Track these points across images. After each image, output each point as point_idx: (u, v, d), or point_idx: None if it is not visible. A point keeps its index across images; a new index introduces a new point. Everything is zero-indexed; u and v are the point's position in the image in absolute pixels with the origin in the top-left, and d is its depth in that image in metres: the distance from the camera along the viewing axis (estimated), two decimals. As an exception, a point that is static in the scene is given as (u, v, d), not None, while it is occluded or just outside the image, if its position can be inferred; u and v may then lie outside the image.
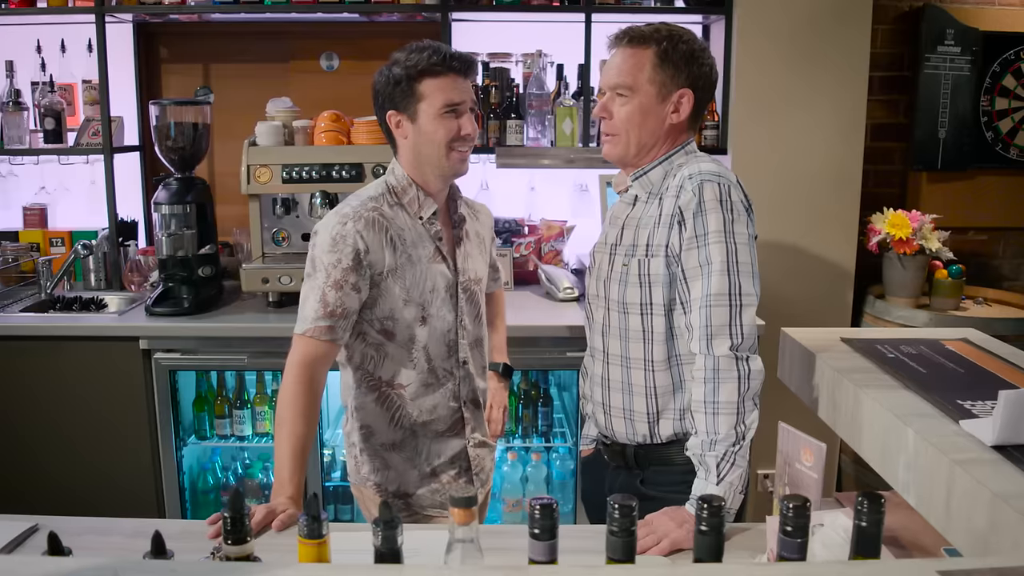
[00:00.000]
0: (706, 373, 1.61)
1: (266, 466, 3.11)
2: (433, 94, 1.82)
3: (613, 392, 1.81)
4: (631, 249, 1.74)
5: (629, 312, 1.74)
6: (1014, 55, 3.52)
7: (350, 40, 3.46)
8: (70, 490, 2.88)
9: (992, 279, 3.70)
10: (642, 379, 1.75)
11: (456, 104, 1.83)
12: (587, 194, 3.46)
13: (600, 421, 1.87)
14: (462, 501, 0.93)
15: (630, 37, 1.72)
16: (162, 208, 2.93)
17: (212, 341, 2.84)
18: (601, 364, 1.83)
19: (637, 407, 1.77)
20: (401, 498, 1.96)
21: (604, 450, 1.90)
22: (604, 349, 1.82)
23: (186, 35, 3.43)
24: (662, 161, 1.76)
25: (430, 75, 1.81)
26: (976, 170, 3.62)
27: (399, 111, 1.86)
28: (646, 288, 1.70)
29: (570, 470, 3.19)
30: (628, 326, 1.75)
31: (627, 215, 1.79)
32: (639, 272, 1.71)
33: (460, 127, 1.84)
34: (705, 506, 0.97)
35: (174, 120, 2.94)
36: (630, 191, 1.80)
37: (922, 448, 1.34)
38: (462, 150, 1.87)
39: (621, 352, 1.77)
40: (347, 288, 1.79)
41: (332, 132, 3.01)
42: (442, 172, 1.89)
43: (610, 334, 1.79)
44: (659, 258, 1.68)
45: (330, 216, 1.87)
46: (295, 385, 1.78)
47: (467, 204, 2.08)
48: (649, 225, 1.72)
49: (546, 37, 3.31)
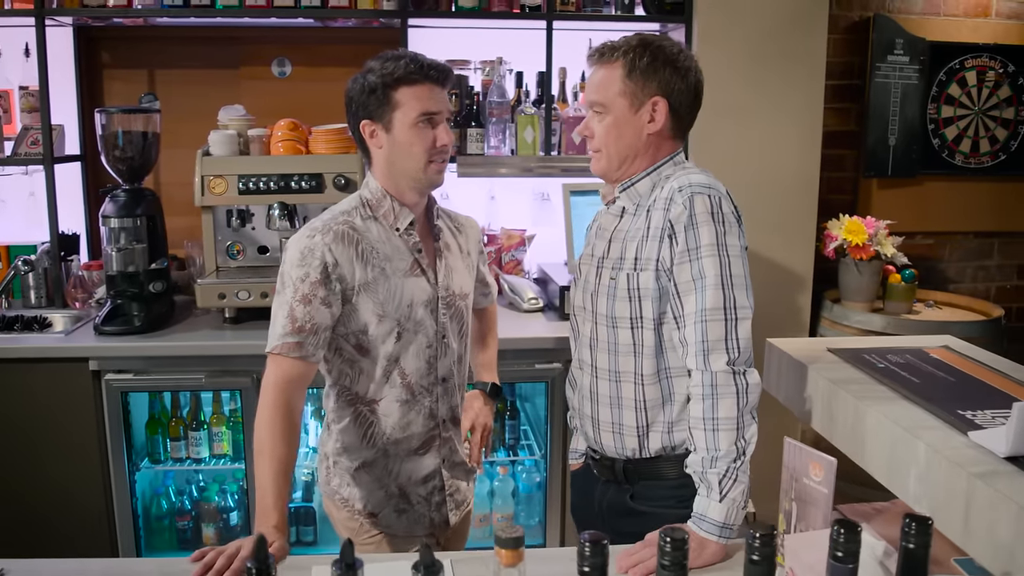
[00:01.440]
0: (704, 389, 1.57)
1: (223, 489, 2.99)
2: (409, 103, 1.76)
3: (602, 406, 1.77)
4: (619, 262, 1.71)
5: (618, 326, 1.71)
6: (959, 64, 3.62)
7: (303, 46, 3.36)
8: (17, 519, 2.72)
9: (938, 282, 3.79)
10: (631, 392, 1.72)
11: (432, 113, 1.78)
12: (548, 203, 3.43)
13: (589, 434, 1.84)
14: (510, 542, 0.88)
15: (600, 53, 1.71)
16: (110, 221, 2.79)
17: (166, 360, 2.71)
18: (589, 377, 1.79)
19: (626, 421, 1.74)
20: (368, 517, 1.90)
21: (593, 464, 1.86)
22: (592, 362, 1.78)
23: (130, 39, 3.28)
24: (649, 172, 1.73)
25: (406, 83, 1.76)
26: (923, 176, 3.71)
27: (374, 120, 1.79)
28: (635, 302, 1.68)
29: (536, 483, 3.15)
30: (617, 340, 1.72)
31: (614, 227, 1.76)
32: (628, 286, 1.68)
33: (436, 137, 1.79)
34: (757, 535, 0.94)
35: (122, 129, 2.81)
36: (617, 203, 1.77)
37: (935, 461, 1.34)
38: (439, 161, 1.82)
39: (610, 366, 1.74)
40: (316, 303, 1.72)
41: (290, 141, 2.91)
42: (418, 184, 1.83)
43: (598, 347, 1.76)
44: (648, 272, 1.65)
45: (301, 230, 1.81)
46: (271, 408, 1.70)
47: (451, 218, 2.02)
48: (637, 238, 1.69)
49: (506, 45, 3.27)
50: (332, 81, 3.36)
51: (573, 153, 3.24)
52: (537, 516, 3.15)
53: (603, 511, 1.83)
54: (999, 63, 3.64)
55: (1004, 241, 3.86)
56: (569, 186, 3.16)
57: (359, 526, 1.89)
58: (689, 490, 1.62)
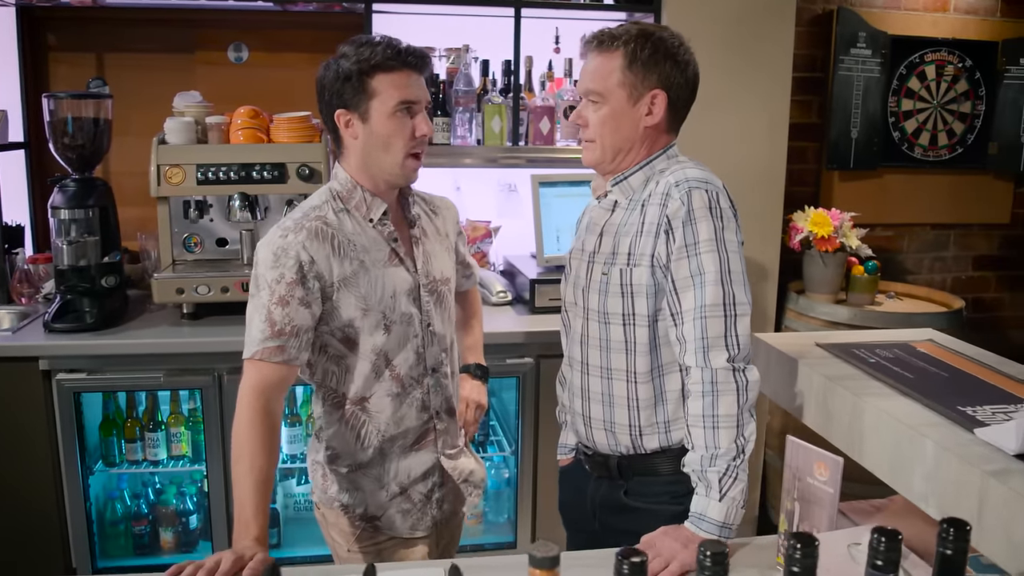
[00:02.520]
0: (704, 386, 1.54)
1: (181, 491, 2.87)
2: (387, 91, 1.68)
3: (593, 403, 1.73)
4: (611, 257, 1.66)
5: (610, 322, 1.67)
6: (918, 58, 3.66)
7: (260, 30, 3.24)
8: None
9: (896, 273, 3.84)
10: (624, 391, 1.68)
11: (411, 102, 1.71)
12: (515, 194, 3.37)
13: (580, 432, 1.80)
14: (545, 562, 0.82)
15: (599, 40, 1.65)
16: (60, 213, 2.64)
17: (122, 359, 2.59)
18: (580, 375, 1.75)
19: (618, 419, 1.70)
20: (370, 521, 1.83)
21: (585, 460, 1.82)
22: (583, 359, 1.74)
23: (77, 20, 3.11)
24: (643, 166, 1.68)
25: (383, 70, 1.68)
26: (883, 169, 3.74)
27: (349, 109, 1.71)
28: (628, 298, 1.64)
29: (505, 479, 3.10)
30: (609, 336, 1.68)
31: (606, 221, 1.71)
32: (621, 281, 1.64)
33: (415, 127, 1.72)
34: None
35: (71, 115, 2.66)
36: (609, 196, 1.72)
37: (944, 459, 1.32)
38: (417, 152, 1.75)
39: (601, 363, 1.70)
40: (294, 304, 1.64)
41: (250, 129, 2.79)
42: (393, 179, 1.77)
43: (589, 344, 1.72)
44: (643, 267, 1.61)
45: (271, 231, 1.72)
46: (250, 414, 1.61)
47: (426, 201, 1.95)
48: (631, 233, 1.64)
49: (471, 32, 3.19)
50: (291, 67, 3.26)
51: (540, 144, 3.18)
52: (506, 513, 3.10)
53: (595, 507, 1.80)
54: (957, 57, 3.69)
55: (960, 233, 3.93)
56: (538, 177, 3.10)
57: (360, 532, 1.83)
58: (684, 486, 1.59)
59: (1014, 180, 3.89)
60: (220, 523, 2.70)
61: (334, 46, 3.25)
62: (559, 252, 3.05)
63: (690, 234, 1.56)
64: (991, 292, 4.02)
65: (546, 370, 2.81)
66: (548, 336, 2.67)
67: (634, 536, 1.55)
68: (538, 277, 2.97)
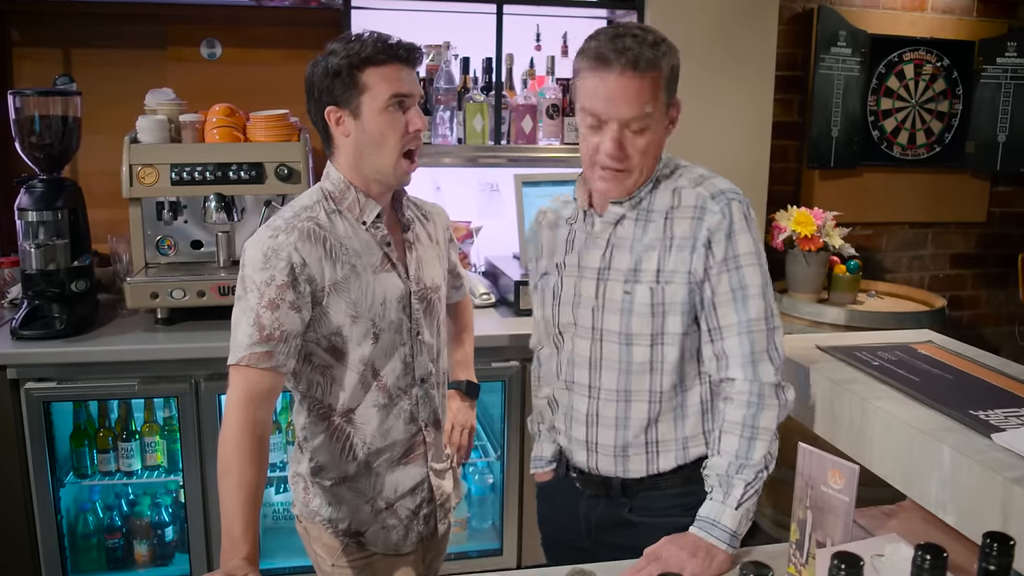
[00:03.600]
0: (749, 397, 1.51)
1: (156, 502, 2.77)
2: (378, 85, 1.61)
3: (603, 429, 1.64)
4: (633, 274, 1.57)
5: (634, 344, 1.57)
6: (897, 57, 3.67)
7: (234, 26, 3.14)
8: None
9: (876, 272, 3.85)
10: (644, 412, 1.60)
11: (404, 96, 1.63)
12: (497, 194, 3.31)
13: (579, 458, 1.70)
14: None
15: (644, 64, 1.46)
16: (27, 215, 2.53)
17: (94, 367, 2.49)
18: (587, 400, 1.65)
19: (634, 442, 1.62)
20: (353, 537, 1.76)
21: (579, 478, 1.73)
22: (592, 383, 1.63)
23: (43, 15, 3.00)
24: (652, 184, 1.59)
25: (374, 64, 1.60)
26: (863, 167, 3.75)
27: (340, 106, 1.64)
28: (659, 317, 1.55)
29: (489, 485, 3.05)
30: (631, 358, 1.58)
31: (612, 235, 1.60)
32: (652, 301, 1.55)
33: (408, 122, 1.65)
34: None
35: (39, 113, 2.55)
36: (612, 209, 1.61)
37: (964, 465, 1.29)
38: (411, 151, 1.67)
39: (618, 386, 1.60)
40: (284, 307, 1.57)
41: (226, 128, 2.70)
42: (386, 180, 1.69)
43: (603, 367, 1.61)
44: (677, 284, 1.53)
45: (260, 230, 1.64)
46: (238, 425, 1.53)
47: (417, 206, 1.88)
48: (655, 247, 1.55)
49: (451, 29, 3.13)
50: (266, 64, 3.17)
51: (523, 143, 3.13)
52: (491, 519, 3.05)
53: (590, 525, 1.72)
54: (935, 56, 3.71)
55: (937, 231, 3.95)
56: (521, 177, 3.05)
57: (343, 547, 1.75)
58: (695, 497, 1.55)
59: (991, 179, 3.93)
60: (197, 534, 2.62)
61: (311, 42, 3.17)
62: (543, 253, 2.99)
63: (731, 248, 1.51)
64: (968, 290, 4.05)
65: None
66: (534, 339, 2.62)
67: (636, 551, 1.50)
68: (523, 279, 2.91)
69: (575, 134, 3.13)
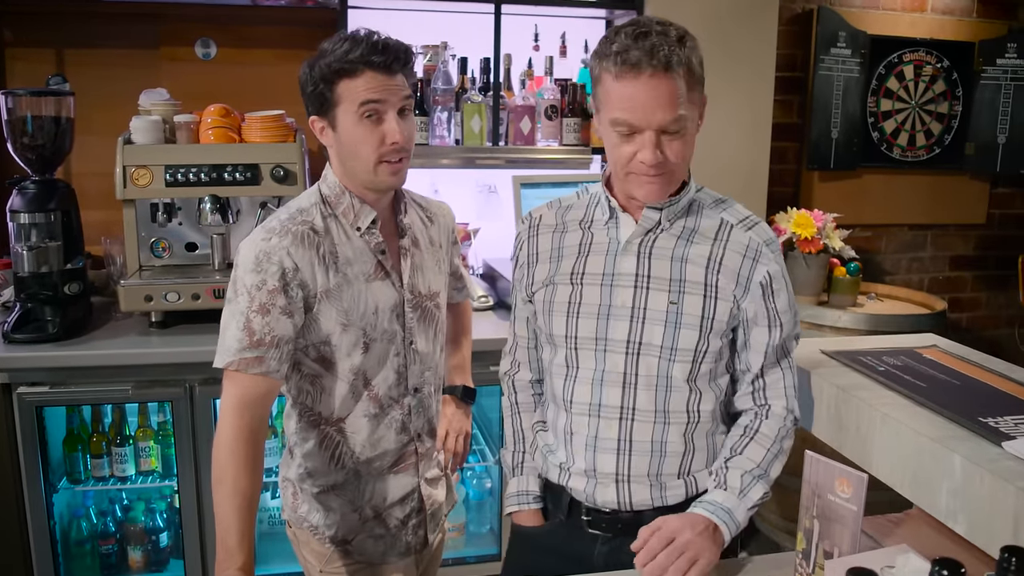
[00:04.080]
0: (784, 423, 1.55)
1: (150, 508, 2.74)
2: (349, 97, 1.55)
3: (637, 456, 1.51)
4: (679, 284, 1.48)
5: (676, 360, 1.48)
6: (897, 58, 3.65)
7: (229, 26, 3.11)
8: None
9: (874, 273, 3.83)
10: (681, 434, 1.52)
11: (374, 102, 1.54)
12: (495, 195, 3.28)
13: (603, 496, 1.54)
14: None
15: (675, 61, 1.38)
16: (20, 217, 2.50)
17: (87, 371, 2.45)
18: (616, 424, 1.52)
19: (668, 469, 1.53)
20: (340, 545, 1.73)
21: (591, 522, 1.57)
22: (624, 405, 1.51)
23: (35, 15, 2.96)
24: (687, 191, 1.54)
25: (346, 75, 1.54)
26: (862, 169, 3.73)
27: (320, 116, 1.60)
28: (705, 332, 1.48)
29: (487, 489, 3.02)
30: (672, 374, 1.49)
31: (646, 243, 1.52)
32: (702, 313, 1.48)
33: (385, 135, 1.56)
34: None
35: (31, 113, 2.52)
36: (648, 214, 1.51)
37: (975, 474, 1.26)
38: (392, 161, 1.59)
39: (656, 406, 1.50)
40: (275, 312, 1.53)
41: (221, 128, 2.67)
42: (371, 186, 1.64)
43: (637, 384, 1.50)
44: (726, 302, 1.49)
45: (255, 232, 1.61)
46: (232, 432, 1.51)
47: (422, 207, 1.84)
48: (700, 263, 1.49)
49: (448, 29, 3.10)
50: (261, 64, 3.14)
51: (521, 144, 3.10)
52: (488, 523, 3.02)
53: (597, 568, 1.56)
54: (935, 57, 3.69)
55: (936, 233, 3.93)
56: (520, 178, 3.03)
57: (330, 553, 1.72)
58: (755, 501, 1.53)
59: (990, 180, 3.91)
60: (192, 540, 2.58)
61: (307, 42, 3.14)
62: (542, 255, 2.97)
63: (790, 296, 1.59)
64: (967, 292, 4.04)
65: (531, 377, 2.73)
66: (533, 342, 2.59)
67: None
68: (522, 281, 2.88)
69: (574, 135, 3.10)
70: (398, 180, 1.64)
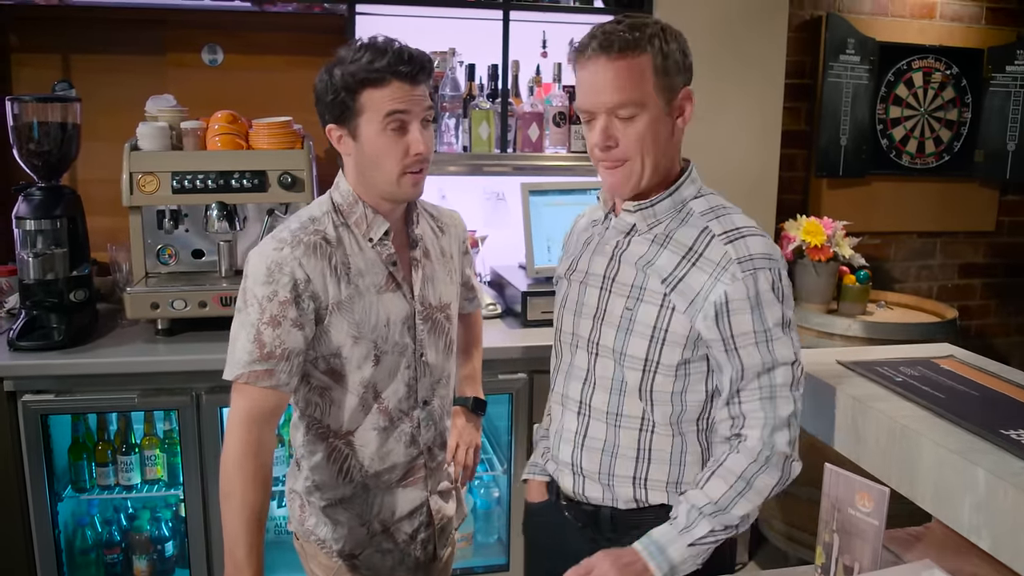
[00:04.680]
0: (757, 458, 1.41)
1: (155, 517, 2.71)
2: (374, 107, 1.53)
3: (588, 452, 1.54)
4: (638, 291, 1.47)
5: (627, 366, 1.47)
6: (906, 65, 3.63)
7: (236, 32, 3.10)
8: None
9: (884, 282, 3.81)
10: (634, 440, 1.50)
11: (400, 112, 1.53)
12: (503, 203, 3.26)
13: (564, 482, 1.60)
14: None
15: (619, 44, 1.37)
16: (25, 223, 2.48)
17: (93, 379, 2.43)
18: (576, 417, 1.56)
19: (620, 471, 1.52)
20: (348, 559, 1.71)
21: (567, 507, 1.62)
22: (583, 400, 1.55)
23: (42, 20, 2.95)
24: (671, 194, 1.50)
25: (371, 85, 1.52)
26: (871, 176, 3.71)
27: (339, 125, 1.58)
28: (656, 344, 1.45)
29: (495, 499, 3.00)
30: (624, 379, 1.49)
31: (622, 247, 1.52)
32: (655, 324, 1.44)
33: (409, 146, 1.55)
34: None
35: (37, 119, 2.51)
36: (624, 217, 1.52)
37: (1000, 489, 1.24)
38: (415, 172, 1.58)
39: (609, 407, 1.51)
40: (286, 325, 1.51)
41: (228, 135, 2.66)
42: (392, 197, 1.62)
43: (595, 384, 1.53)
44: (682, 316, 1.43)
45: (265, 241, 1.59)
46: (240, 446, 1.49)
47: (434, 217, 1.82)
48: (662, 272, 1.45)
49: (455, 36, 3.09)
50: (268, 70, 3.13)
51: (529, 151, 3.09)
52: (496, 533, 3.00)
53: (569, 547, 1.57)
54: (944, 64, 3.67)
55: (946, 241, 3.91)
56: (528, 185, 3.00)
57: (338, 567, 1.70)
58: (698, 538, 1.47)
59: (1000, 188, 3.89)
60: (198, 549, 2.56)
61: (314, 49, 3.14)
62: (550, 263, 2.95)
63: (758, 320, 1.40)
64: (977, 300, 4.01)
65: (540, 386, 2.71)
66: (541, 351, 2.55)
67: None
68: (530, 289, 2.87)
69: (582, 142, 3.09)
70: (418, 191, 1.63)
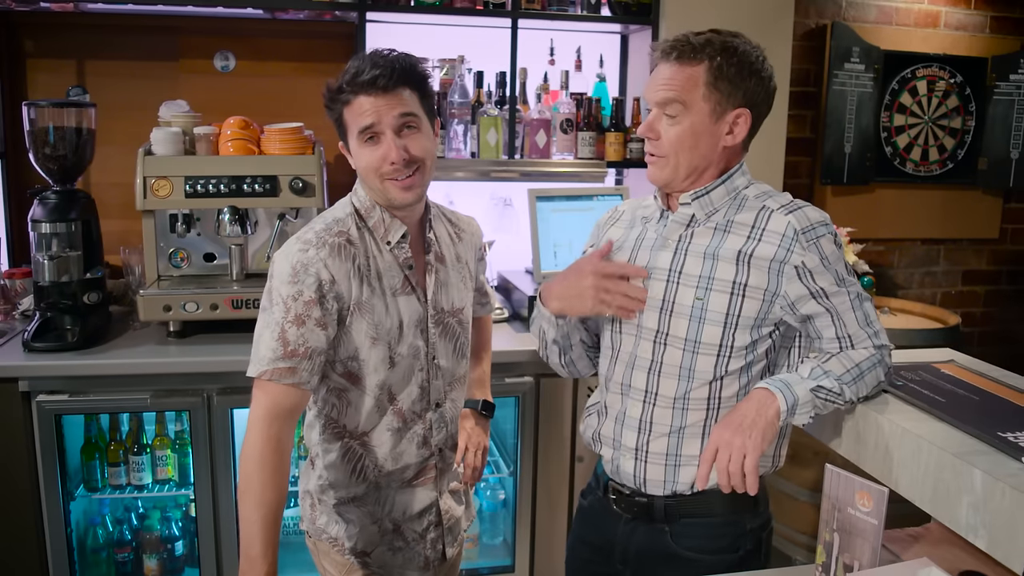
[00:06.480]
0: (873, 356, 1.55)
1: (166, 516, 2.75)
2: (351, 123, 1.62)
3: (655, 437, 1.60)
4: (707, 281, 1.54)
5: (700, 352, 1.55)
6: (910, 73, 3.66)
7: (248, 38, 3.14)
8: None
9: (888, 288, 3.83)
10: (701, 418, 1.58)
11: (369, 127, 1.58)
12: (511, 208, 3.30)
13: (624, 467, 1.65)
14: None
15: (679, 51, 1.51)
16: (41, 226, 2.52)
17: (106, 380, 2.47)
18: (639, 405, 1.61)
19: (687, 451, 1.59)
20: (359, 556, 1.74)
21: (618, 500, 1.68)
22: (648, 388, 1.60)
23: (57, 26, 3.00)
24: (724, 181, 1.58)
25: (345, 104, 1.61)
26: (875, 184, 3.74)
27: (342, 141, 1.69)
28: (730, 329, 1.53)
29: (501, 501, 3.03)
30: (695, 366, 1.56)
31: (684, 240, 1.59)
32: (727, 311, 1.53)
33: (383, 156, 1.59)
34: None
35: (53, 124, 2.55)
36: (682, 210, 1.60)
37: (996, 489, 1.27)
38: (397, 179, 1.61)
39: (678, 392, 1.58)
40: (310, 324, 1.55)
41: (240, 140, 2.69)
42: (389, 204, 1.67)
43: (662, 372, 1.59)
44: (756, 300, 1.52)
45: (290, 242, 1.63)
46: (261, 443, 1.52)
47: (451, 222, 1.86)
48: (730, 259, 1.53)
49: (464, 43, 3.13)
50: (279, 77, 3.17)
51: (536, 157, 3.12)
52: (502, 535, 3.03)
53: (628, 555, 1.66)
54: (948, 73, 3.70)
55: (949, 248, 3.94)
56: (535, 191, 3.04)
57: (349, 564, 1.73)
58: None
59: (1003, 195, 3.91)
60: (208, 549, 2.59)
61: (325, 55, 3.18)
62: (556, 267, 2.98)
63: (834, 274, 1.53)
64: (980, 307, 4.03)
65: (546, 389, 2.75)
66: (548, 355, 2.60)
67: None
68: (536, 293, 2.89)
69: (589, 149, 3.12)
70: (411, 195, 1.65)
